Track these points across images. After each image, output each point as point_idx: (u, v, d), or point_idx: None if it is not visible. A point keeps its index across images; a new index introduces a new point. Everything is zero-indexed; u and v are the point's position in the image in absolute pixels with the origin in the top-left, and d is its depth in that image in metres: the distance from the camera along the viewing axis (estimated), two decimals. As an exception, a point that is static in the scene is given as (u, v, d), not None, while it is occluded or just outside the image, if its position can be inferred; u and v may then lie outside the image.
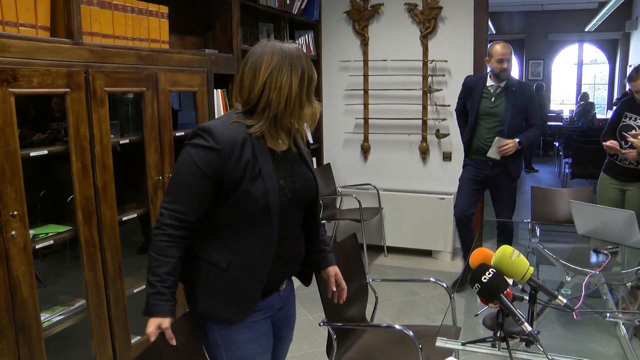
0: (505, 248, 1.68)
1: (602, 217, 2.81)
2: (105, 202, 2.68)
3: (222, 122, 1.69)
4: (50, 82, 2.37)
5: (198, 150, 1.63)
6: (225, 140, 1.63)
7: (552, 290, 1.66)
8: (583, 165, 7.07)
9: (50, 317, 2.53)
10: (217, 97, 3.66)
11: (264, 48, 1.70)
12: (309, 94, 1.73)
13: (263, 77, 1.66)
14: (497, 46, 3.94)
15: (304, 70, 1.69)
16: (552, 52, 13.73)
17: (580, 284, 2.36)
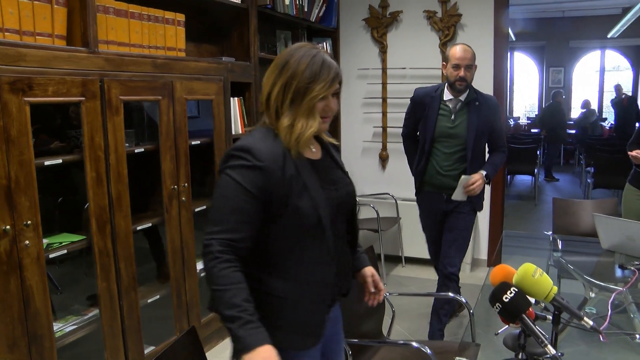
0: (527, 266, 1.61)
1: (628, 231, 2.72)
2: (119, 211, 2.66)
3: (257, 138, 1.57)
4: (65, 90, 2.37)
5: (240, 171, 1.51)
6: (266, 156, 1.52)
7: (578, 312, 1.59)
8: (606, 174, 6.92)
9: (63, 326, 2.52)
10: (234, 106, 3.64)
11: (283, 50, 1.65)
12: (296, 104, 1.57)
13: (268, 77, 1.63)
14: (456, 47, 3.17)
15: (293, 77, 1.56)
16: (573, 59, 13.55)
17: (605, 300, 2.28)
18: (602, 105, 13.93)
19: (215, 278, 1.47)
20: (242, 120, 3.72)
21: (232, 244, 1.49)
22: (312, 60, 1.57)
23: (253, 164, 1.51)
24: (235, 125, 3.64)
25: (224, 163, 1.56)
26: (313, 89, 1.56)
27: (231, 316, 1.43)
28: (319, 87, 1.56)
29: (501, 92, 4.74)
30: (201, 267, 3.32)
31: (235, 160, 1.53)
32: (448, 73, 3.17)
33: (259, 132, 1.61)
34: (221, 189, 1.54)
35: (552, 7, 11.48)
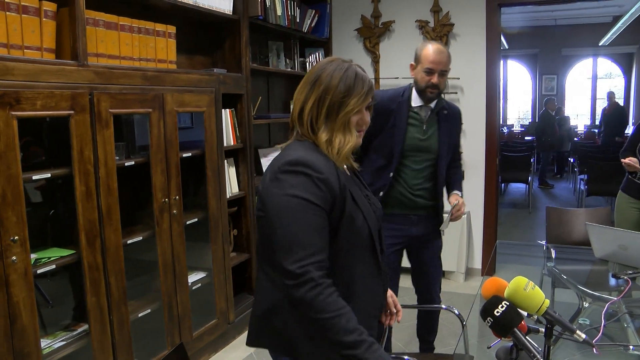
0: (519, 279, 1.59)
1: (621, 240, 2.71)
2: (109, 225, 2.64)
3: (305, 151, 1.50)
4: (54, 104, 2.35)
5: (305, 187, 1.42)
6: (324, 167, 1.47)
7: (570, 325, 1.58)
8: (599, 182, 6.93)
9: (51, 342, 2.48)
10: (226, 117, 3.63)
11: (314, 65, 1.62)
12: (330, 119, 1.54)
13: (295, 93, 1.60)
14: (429, 48, 2.65)
15: (326, 91, 1.52)
16: (566, 66, 13.64)
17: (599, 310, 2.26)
18: (595, 112, 13.99)
19: (323, 305, 1.37)
20: (233, 131, 3.71)
21: (324, 264, 1.41)
22: (345, 74, 1.53)
23: (316, 176, 1.44)
24: (227, 136, 3.63)
25: (279, 182, 1.44)
26: (348, 103, 1.53)
27: (354, 341, 1.36)
28: (354, 101, 1.53)
29: (494, 100, 4.74)
30: (193, 280, 3.30)
31: (294, 176, 1.44)
32: (418, 77, 2.69)
33: (300, 145, 1.54)
34: (285, 212, 1.42)
35: (544, 16, 11.57)
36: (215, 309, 3.47)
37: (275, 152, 4.46)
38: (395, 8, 4.94)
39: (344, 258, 1.52)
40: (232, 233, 3.80)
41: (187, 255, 3.17)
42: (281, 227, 1.41)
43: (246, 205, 3.84)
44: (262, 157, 4.29)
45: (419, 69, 2.69)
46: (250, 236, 3.88)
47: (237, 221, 3.87)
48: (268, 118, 4.29)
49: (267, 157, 4.35)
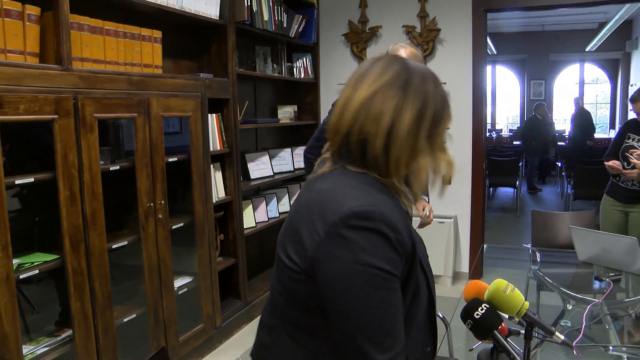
0: (499, 282, 1.60)
1: (603, 243, 2.74)
2: (94, 230, 2.63)
3: (374, 195, 1.12)
4: (37, 108, 2.34)
5: (381, 251, 1.05)
6: (400, 220, 1.11)
7: (549, 327, 1.59)
8: (585, 186, 6.99)
9: (34, 349, 2.46)
10: (212, 122, 3.63)
11: (375, 59, 1.22)
12: (432, 137, 1.17)
13: (361, 97, 1.15)
14: (402, 52, 2.50)
15: (426, 100, 1.15)
16: (554, 71, 13.74)
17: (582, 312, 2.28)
18: (582, 117, 14.11)
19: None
20: (220, 136, 3.70)
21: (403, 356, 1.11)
22: (436, 79, 1.21)
23: (394, 237, 1.07)
24: (214, 141, 3.63)
25: (344, 242, 1.05)
26: (447, 117, 1.21)
27: None
28: (448, 118, 1.21)
29: (480, 105, 4.77)
30: (179, 285, 3.29)
31: (367, 235, 1.05)
32: None
33: (358, 181, 1.15)
34: (365, 286, 1.05)
35: (532, 22, 11.70)
36: (202, 313, 3.46)
37: (262, 157, 4.46)
38: (382, 13, 4.97)
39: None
40: (219, 238, 3.79)
41: (173, 259, 3.17)
42: (357, 308, 1.05)
43: (232, 210, 3.84)
44: (249, 162, 4.29)
45: None
46: (237, 241, 3.87)
47: (224, 226, 3.87)
48: (255, 123, 4.29)
49: (254, 161, 4.35)
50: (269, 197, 4.47)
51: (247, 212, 4.12)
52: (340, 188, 1.13)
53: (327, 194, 1.12)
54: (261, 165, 4.41)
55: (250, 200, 4.22)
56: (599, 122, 14.18)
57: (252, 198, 4.29)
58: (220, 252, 3.85)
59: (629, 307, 2.43)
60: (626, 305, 2.44)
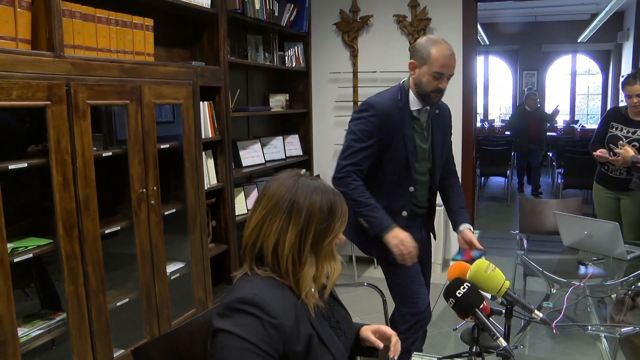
0: (480, 262, 1.66)
1: (587, 229, 2.80)
2: (87, 215, 2.66)
3: (260, 288, 1.33)
4: (30, 95, 2.36)
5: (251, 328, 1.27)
6: (280, 310, 1.30)
7: (528, 305, 1.65)
8: (575, 175, 7.07)
9: (29, 331, 2.50)
10: (204, 109, 3.66)
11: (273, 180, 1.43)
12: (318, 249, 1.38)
13: (254, 219, 1.39)
14: (442, 49, 2.37)
15: (310, 217, 1.35)
16: (546, 62, 13.80)
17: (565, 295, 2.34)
18: (574, 108, 14.20)
19: None
20: (212, 124, 3.74)
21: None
22: (324, 196, 1.38)
23: (267, 320, 1.27)
24: (205, 129, 3.66)
25: (227, 319, 1.30)
26: (333, 228, 1.38)
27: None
28: (339, 225, 1.40)
29: (470, 94, 4.82)
30: (171, 270, 3.34)
31: (243, 316, 1.28)
32: (423, 79, 2.40)
33: (260, 280, 1.36)
34: (234, 352, 1.25)
35: (525, 12, 11.74)
36: (194, 299, 3.51)
37: (254, 145, 4.50)
38: (373, 3, 5.00)
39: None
40: (211, 224, 3.83)
41: (166, 245, 3.21)
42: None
43: (224, 197, 3.88)
44: (241, 150, 4.33)
45: (424, 70, 2.38)
46: (229, 227, 3.92)
47: (215, 212, 3.91)
48: (246, 111, 4.33)
49: (246, 149, 4.39)
50: (260, 185, 4.51)
51: (239, 199, 4.17)
52: (243, 282, 1.37)
53: (228, 291, 1.38)
54: (253, 153, 4.45)
55: (242, 187, 4.27)
56: (590, 113, 14.29)
57: (244, 185, 4.34)
58: (212, 239, 3.89)
59: (609, 290, 2.49)
60: (606, 289, 2.50)
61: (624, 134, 3.65)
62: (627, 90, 3.58)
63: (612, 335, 2.06)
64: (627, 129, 3.66)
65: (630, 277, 2.60)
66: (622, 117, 3.71)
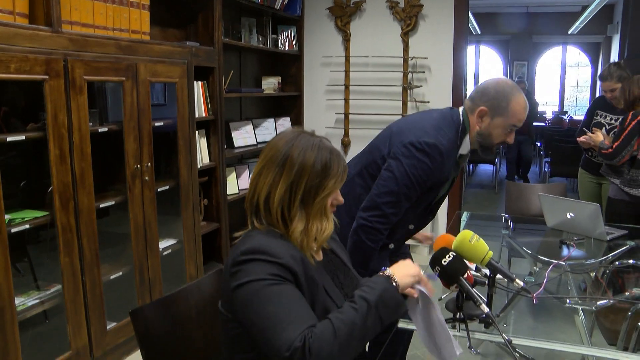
0: (465, 232, 1.73)
1: (569, 210, 2.88)
2: (82, 188, 2.72)
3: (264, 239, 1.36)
4: (28, 68, 2.40)
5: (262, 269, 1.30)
6: (285, 255, 1.33)
7: (510, 274, 1.73)
8: (561, 163, 7.19)
9: (25, 300, 2.56)
10: (198, 89, 3.70)
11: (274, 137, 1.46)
12: (308, 205, 1.40)
13: (254, 173, 1.44)
14: (522, 100, 2.10)
15: (301, 173, 1.37)
16: (537, 53, 13.90)
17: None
18: (563, 99, 14.33)
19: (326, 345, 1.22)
20: (205, 104, 3.79)
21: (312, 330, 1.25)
22: (320, 152, 1.40)
23: (273, 260, 1.30)
24: (199, 108, 3.71)
25: (236, 275, 1.32)
26: (326, 186, 1.39)
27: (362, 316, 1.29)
28: (332, 183, 1.40)
29: (460, 80, 4.89)
30: (164, 246, 3.40)
31: (249, 264, 1.31)
32: (494, 131, 2.12)
33: (260, 234, 1.39)
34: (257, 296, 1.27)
35: (516, 2, 11.79)
36: (185, 275, 3.57)
37: (246, 126, 4.55)
38: (366, -12, 5.04)
39: None
40: (203, 202, 3.89)
41: (159, 222, 3.26)
42: (255, 318, 1.27)
43: (216, 176, 3.94)
44: (233, 131, 4.38)
45: (499, 122, 2.10)
46: (220, 206, 3.98)
47: (207, 191, 3.97)
48: (239, 92, 4.37)
49: (238, 130, 4.44)
50: (252, 165, 4.57)
51: (231, 179, 4.23)
52: (244, 239, 1.39)
53: (232, 250, 1.40)
54: (245, 134, 4.50)
55: (233, 167, 4.32)
56: (579, 105, 14.43)
57: (236, 166, 4.39)
58: (204, 217, 3.95)
59: (588, 268, 2.58)
60: (586, 267, 2.59)
61: (607, 121, 3.75)
62: (602, 86, 3.73)
63: (588, 309, 2.14)
64: (611, 116, 3.75)
65: (608, 256, 2.70)
66: (607, 105, 3.80)
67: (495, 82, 2.14)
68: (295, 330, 1.22)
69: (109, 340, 2.97)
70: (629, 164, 3.35)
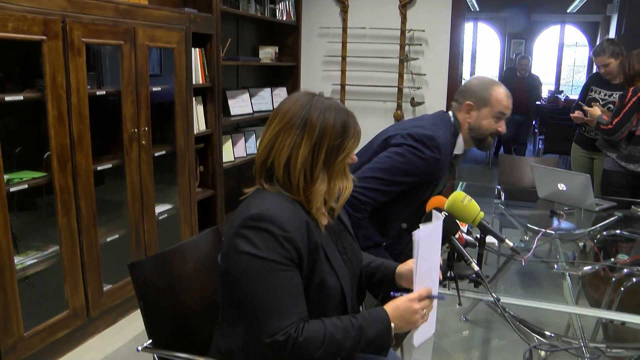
0: (457, 193, 1.78)
1: (560, 181, 2.93)
2: (80, 150, 2.74)
3: (272, 204, 1.36)
4: (26, 28, 2.40)
5: (266, 244, 1.31)
6: (290, 223, 1.34)
7: (500, 235, 1.78)
8: (555, 140, 7.24)
9: (23, 260, 2.60)
10: (195, 56, 3.71)
11: (287, 99, 1.46)
12: (330, 166, 1.41)
13: (268, 135, 1.42)
14: (501, 89, 2.24)
15: (323, 133, 1.37)
16: (534, 32, 13.84)
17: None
18: (559, 79, 14.33)
19: (309, 353, 1.28)
20: (202, 71, 3.79)
21: (299, 326, 1.30)
22: (338, 114, 1.41)
23: (280, 234, 1.31)
24: (196, 75, 3.72)
25: (241, 239, 1.33)
26: (346, 146, 1.41)
27: (351, 344, 1.32)
28: (351, 143, 1.42)
29: (456, 54, 4.90)
30: (160, 211, 3.43)
31: (256, 233, 1.32)
32: (484, 122, 2.23)
33: (270, 195, 1.40)
34: (254, 273, 1.31)
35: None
36: (181, 239, 3.61)
37: (243, 95, 4.56)
38: (365, -41, 5.02)
39: (312, 311, 1.38)
40: (198, 169, 3.92)
41: (155, 187, 3.29)
42: (249, 292, 1.32)
43: (212, 143, 3.96)
44: (230, 99, 4.39)
45: (486, 112, 2.21)
46: (216, 173, 4.01)
47: (203, 158, 4.00)
48: (237, 60, 4.37)
49: (235, 98, 4.45)
50: (248, 134, 4.59)
51: (227, 147, 4.25)
52: (254, 199, 1.40)
53: (241, 208, 1.41)
54: (241, 103, 4.51)
55: (229, 135, 4.34)
56: (575, 85, 14.44)
57: (232, 134, 4.41)
58: (200, 184, 3.99)
59: (577, 238, 2.64)
60: (575, 237, 2.65)
61: (601, 97, 3.78)
62: (595, 61, 3.75)
63: (575, 274, 2.20)
64: (605, 92, 3.79)
65: (597, 227, 2.76)
66: (601, 80, 3.84)
67: (475, 78, 2.32)
68: (280, 323, 1.28)
69: (105, 301, 3.02)
70: (626, 139, 3.39)
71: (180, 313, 1.79)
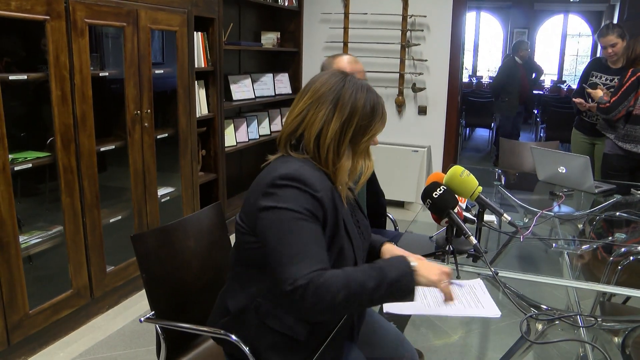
0: (456, 168, 1.80)
1: (560, 163, 2.95)
2: (83, 131, 2.76)
3: (300, 167, 1.39)
4: (29, 7, 2.42)
5: (297, 200, 1.33)
6: (319, 186, 1.37)
7: (499, 209, 1.80)
8: (556, 128, 7.25)
9: (28, 239, 2.63)
10: (198, 39, 3.72)
11: (320, 75, 1.50)
12: (356, 144, 1.45)
13: (300, 107, 1.46)
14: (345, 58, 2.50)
15: (354, 112, 1.42)
16: (537, 21, 13.79)
17: (537, 224, 2.49)
18: (562, 69, 14.30)
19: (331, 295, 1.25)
20: (204, 54, 3.81)
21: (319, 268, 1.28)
22: (368, 95, 1.45)
23: (311, 192, 1.35)
24: (199, 58, 3.73)
25: (271, 196, 1.35)
26: (373, 127, 1.46)
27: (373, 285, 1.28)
28: (378, 125, 1.48)
29: (458, 40, 4.90)
30: (162, 193, 3.46)
31: (287, 189, 1.34)
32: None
33: (297, 161, 1.42)
34: (284, 224, 1.32)
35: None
36: (184, 222, 3.64)
37: (245, 80, 4.58)
38: (368, -56, 5.01)
39: None
40: (201, 153, 3.94)
41: (158, 170, 3.32)
42: (274, 241, 1.32)
43: (215, 127, 3.98)
44: (232, 84, 4.40)
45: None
46: (218, 157, 4.03)
47: (206, 142, 4.02)
48: (239, 45, 4.39)
49: (237, 83, 4.47)
50: (250, 119, 4.61)
51: (229, 131, 4.27)
52: (278, 164, 1.42)
53: (267, 170, 1.43)
54: (243, 88, 4.52)
55: (232, 120, 4.36)
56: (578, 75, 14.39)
57: (234, 119, 4.43)
58: (202, 168, 4.01)
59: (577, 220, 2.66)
60: (574, 218, 2.67)
61: (602, 82, 3.79)
62: (602, 42, 3.75)
63: (573, 253, 2.22)
64: (606, 77, 3.80)
65: (595, 208, 2.78)
66: (602, 65, 3.85)
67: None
68: (303, 268, 1.26)
69: (108, 282, 3.05)
70: (624, 119, 3.41)
71: (181, 286, 1.82)
